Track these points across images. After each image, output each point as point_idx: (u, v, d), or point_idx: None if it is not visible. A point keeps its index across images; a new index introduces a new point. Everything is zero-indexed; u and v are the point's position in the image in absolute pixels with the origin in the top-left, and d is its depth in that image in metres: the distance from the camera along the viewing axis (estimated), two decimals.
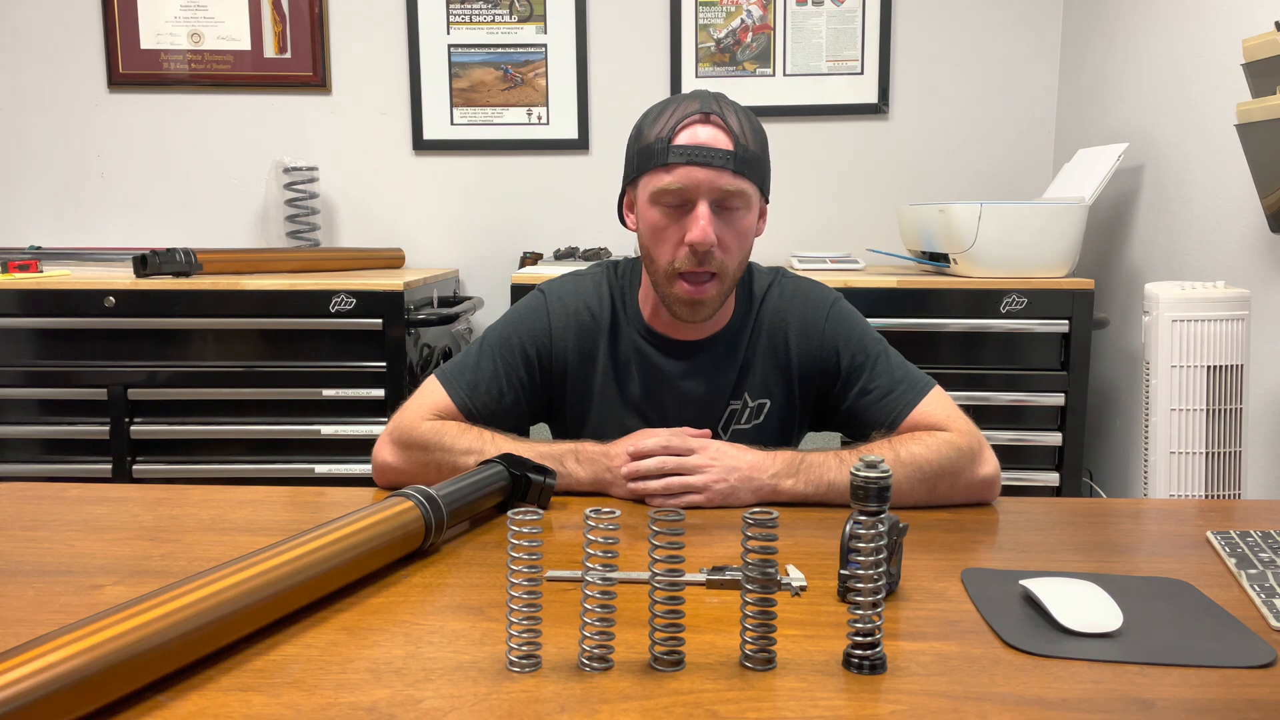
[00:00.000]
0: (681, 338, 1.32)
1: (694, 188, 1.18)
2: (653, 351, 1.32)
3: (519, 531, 0.74)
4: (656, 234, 1.22)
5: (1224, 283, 1.70)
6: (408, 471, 1.23)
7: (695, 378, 1.31)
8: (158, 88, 2.87)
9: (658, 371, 1.32)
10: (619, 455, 1.18)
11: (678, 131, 1.18)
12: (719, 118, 1.19)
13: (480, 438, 1.21)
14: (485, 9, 2.83)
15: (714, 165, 1.17)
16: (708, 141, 1.17)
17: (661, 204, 1.20)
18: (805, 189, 2.83)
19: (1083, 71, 2.66)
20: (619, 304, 1.34)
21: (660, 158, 1.18)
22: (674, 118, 1.20)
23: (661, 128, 1.20)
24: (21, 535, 1.06)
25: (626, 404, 1.32)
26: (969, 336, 2.24)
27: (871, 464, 0.73)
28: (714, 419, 1.32)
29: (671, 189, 1.18)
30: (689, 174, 1.17)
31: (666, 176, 1.18)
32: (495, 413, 1.29)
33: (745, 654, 0.75)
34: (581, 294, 1.34)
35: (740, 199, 1.20)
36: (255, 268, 2.48)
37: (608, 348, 1.32)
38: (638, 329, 1.33)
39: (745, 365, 1.32)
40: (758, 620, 0.74)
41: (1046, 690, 0.71)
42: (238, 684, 0.72)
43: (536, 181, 2.89)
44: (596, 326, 1.32)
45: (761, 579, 0.74)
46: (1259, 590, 0.89)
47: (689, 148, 1.17)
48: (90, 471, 2.36)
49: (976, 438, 1.21)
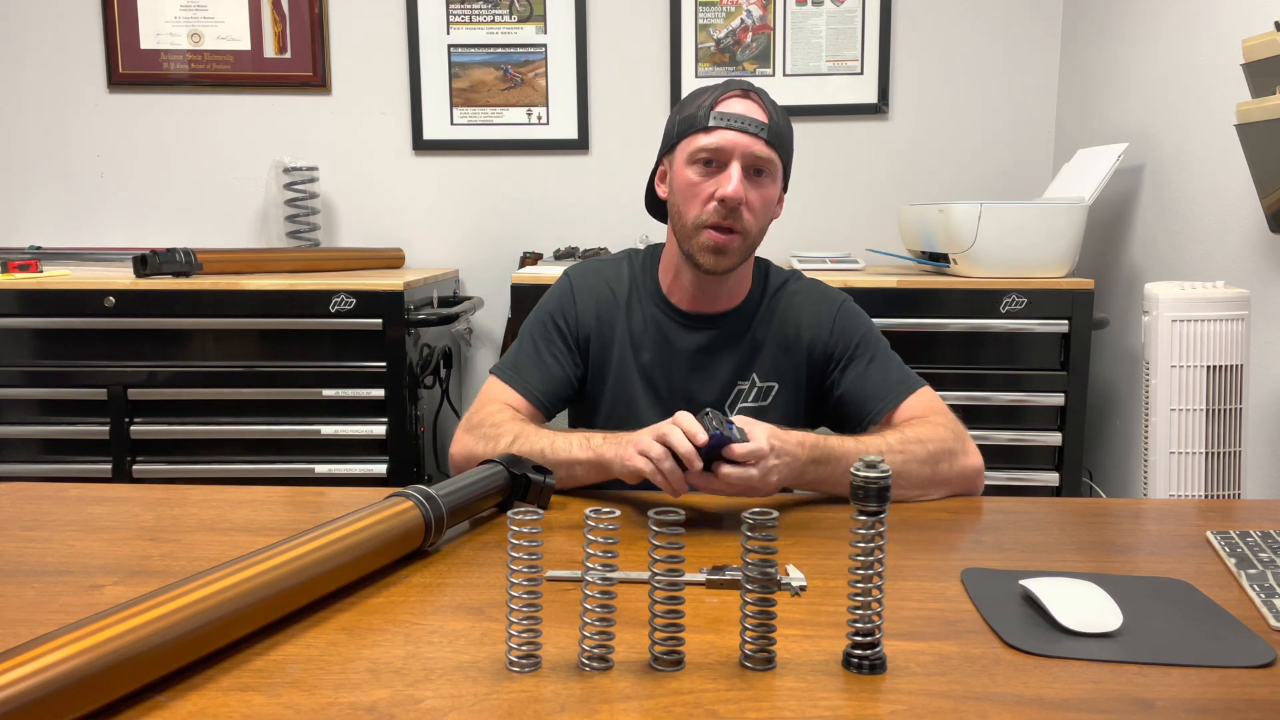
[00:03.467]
0: (696, 310, 1.39)
1: (730, 148, 1.27)
2: (668, 323, 1.39)
3: (519, 531, 0.74)
4: (689, 189, 1.31)
5: (1224, 283, 1.70)
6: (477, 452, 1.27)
7: (707, 351, 1.38)
8: (158, 88, 2.87)
9: (671, 343, 1.39)
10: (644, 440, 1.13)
11: (719, 101, 1.30)
12: (757, 96, 1.31)
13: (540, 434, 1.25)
14: (485, 9, 2.83)
15: (749, 131, 1.27)
16: (745, 111, 1.29)
17: (698, 162, 1.29)
18: (805, 189, 2.81)
19: (1083, 71, 2.66)
20: (639, 280, 1.43)
21: (701, 122, 1.29)
22: (716, 92, 1.31)
23: (704, 99, 1.31)
24: (21, 535, 1.06)
25: (640, 374, 1.39)
26: (969, 336, 2.24)
27: (871, 464, 0.73)
28: (722, 395, 1.38)
29: (709, 147, 1.28)
30: (727, 136, 1.27)
31: (705, 137, 1.28)
32: (548, 383, 1.38)
33: (745, 654, 0.75)
34: (603, 272, 1.44)
35: (769, 167, 1.30)
36: (255, 268, 2.48)
37: (625, 320, 1.40)
38: (655, 301, 1.41)
39: (756, 345, 1.39)
40: (758, 620, 0.74)
41: (1046, 690, 0.71)
42: (238, 684, 0.72)
43: (536, 181, 2.89)
44: (615, 300, 1.41)
45: (761, 579, 0.74)
46: (1259, 590, 0.89)
47: (728, 114, 1.28)
48: (90, 471, 2.36)
49: (963, 430, 1.28)
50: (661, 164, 1.39)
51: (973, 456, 1.25)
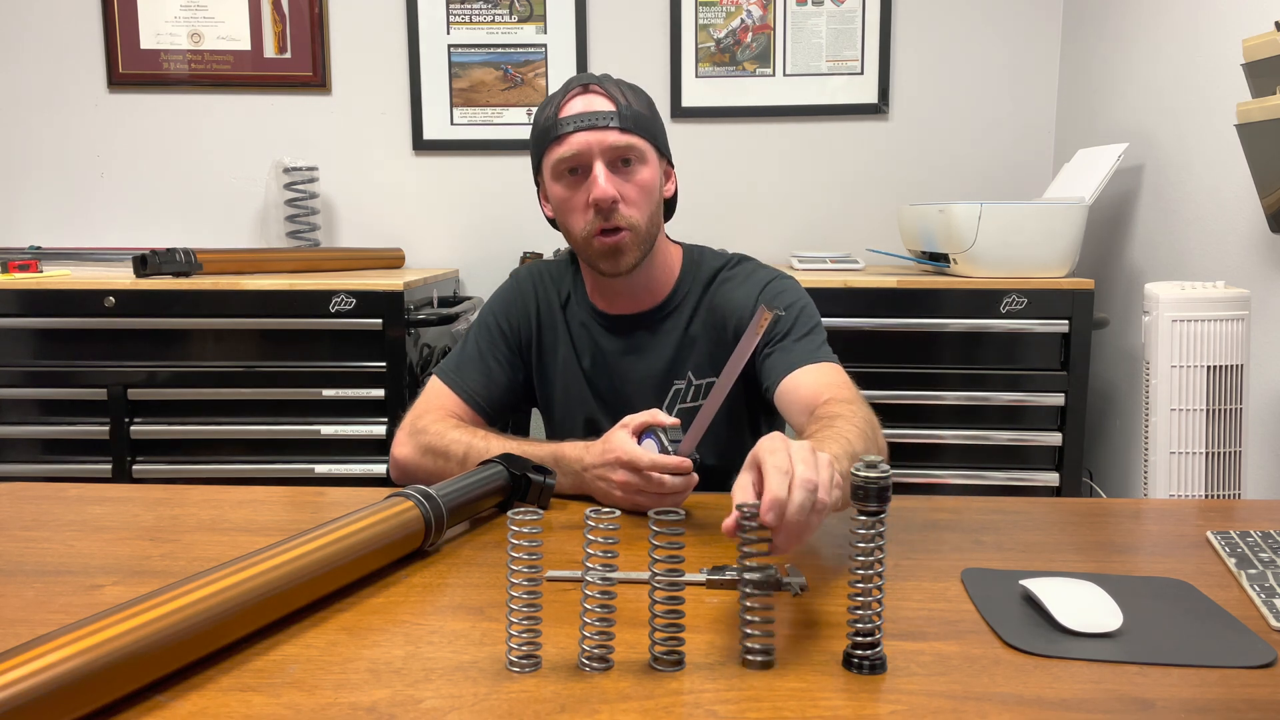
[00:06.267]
0: (617, 312, 1.37)
1: (586, 150, 1.25)
2: (597, 328, 1.39)
3: (519, 531, 0.74)
4: (565, 205, 1.29)
5: (1224, 283, 1.70)
6: (416, 459, 1.27)
7: (633, 354, 1.36)
8: (158, 88, 2.87)
9: (601, 349, 1.38)
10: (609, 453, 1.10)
11: (562, 106, 1.27)
12: (597, 85, 1.28)
13: (473, 433, 1.24)
14: (485, 9, 2.83)
15: (599, 126, 1.24)
16: (588, 107, 1.26)
17: (563, 176, 1.27)
18: (805, 189, 2.82)
19: (1083, 71, 2.66)
20: (574, 283, 1.41)
21: (552, 132, 1.26)
22: (558, 97, 1.29)
23: (549, 109, 1.29)
24: (21, 535, 1.06)
25: (585, 381, 1.38)
26: (969, 336, 2.24)
27: (872, 464, 0.73)
28: (659, 397, 1.36)
29: (566, 156, 1.25)
30: (580, 139, 1.24)
31: (560, 148, 1.26)
32: (489, 388, 1.36)
33: (745, 650, 0.75)
34: (546, 272, 1.43)
35: (633, 152, 1.27)
36: (255, 268, 2.48)
37: (564, 324, 1.39)
38: (584, 305, 1.40)
39: (686, 342, 1.35)
40: (755, 617, 0.74)
41: (1046, 690, 0.71)
42: (238, 684, 0.72)
43: None
44: (557, 301, 1.40)
45: (760, 579, 0.73)
46: (1259, 590, 0.89)
47: (575, 116, 1.25)
48: (90, 471, 2.36)
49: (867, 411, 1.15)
50: (540, 187, 1.35)
51: None
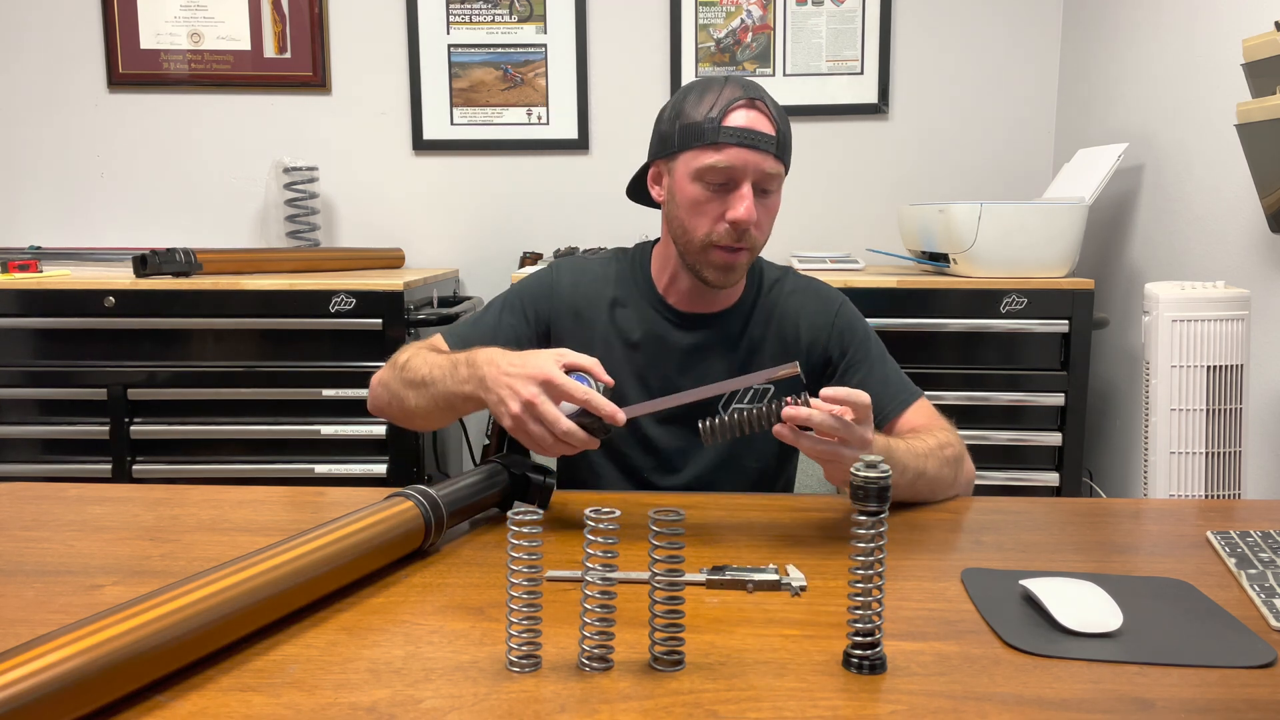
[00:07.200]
0: (693, 310, 1.36)
1: (742, 168, 1.22)
2: (665, 325, 1.36)
3: (519, 531, 0.74)
4: (696, 208, 1.25)
5: (1224, 283, 1.70)
6: (391, 388, 1.27)
7: (705, 350, 1.36)
8: (158, 88, 2.87)
9: (665, 342, 1.36)
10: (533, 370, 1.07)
11: (727, 113, 1.22)
12: (763, 104, 1.24)
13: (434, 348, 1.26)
14: (485, 9, 2.83)
15: (760, 148, 1.22)
16: (755, 125, 1.22)
17: (705, 180, 1.24)
18: (805, 189, 2.82)
19: (1083, 71, 2.66)
20: (630, 281, 1.39)
21: (710, 136, 1.22)
22: (721, 99, 1.23)
23: (709, 108, 1.23)
24: (21, 535, 1.06)
25: (633, 374, 1.35)
26: (969, 336, 2.24)
27: (871, 464, 0.73)
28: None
29: (720, 167, 1.22)
30: (739, 155, 1.21)
31: (715, 155, 1.22)
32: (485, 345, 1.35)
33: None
34: (589, 269, 1.40)
35: (776, 181, 1.26)
36: (255, 268, 2.48)
37: (609, 320, 1.36)
38: (651, 303, 1.37)
39: (753, 346, 1.37)
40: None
41: (1046, 690, 0.71)
42: (238, 684, 0.72)
43: (536, 181, 2.89)
44: (599, 300, 1.37)
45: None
46: (1259, 590, 0.89)
47: (739, 130, 1.21)
48: (90, 471, 2.36)
49: (959, 437, 1.29)
50: (656, 164, 1.32)
51: (971, 461, 1.29)
